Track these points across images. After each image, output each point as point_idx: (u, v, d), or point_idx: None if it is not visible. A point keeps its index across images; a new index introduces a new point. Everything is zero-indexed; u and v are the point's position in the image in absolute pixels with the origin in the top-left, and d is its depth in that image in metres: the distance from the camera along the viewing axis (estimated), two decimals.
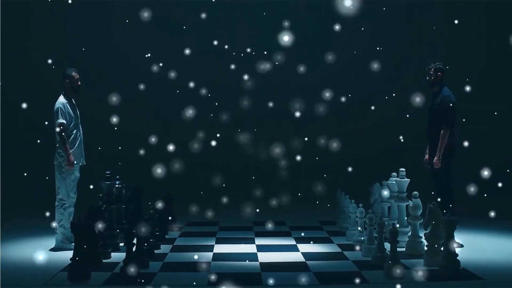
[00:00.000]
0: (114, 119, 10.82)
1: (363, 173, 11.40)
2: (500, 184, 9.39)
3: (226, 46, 12.68)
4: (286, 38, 11.54)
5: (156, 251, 7.53)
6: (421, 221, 7.28)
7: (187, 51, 12.74)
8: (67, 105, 7.82)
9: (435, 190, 7.95)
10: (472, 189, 7.60)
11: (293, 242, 8.20)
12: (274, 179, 11.97)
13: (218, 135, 12.22)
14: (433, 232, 6.81)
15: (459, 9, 12.84)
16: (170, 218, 8.99)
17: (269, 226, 9.14)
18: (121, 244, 7.57)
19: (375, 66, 12.68)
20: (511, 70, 12.89)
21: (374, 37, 12.93)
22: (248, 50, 12.77)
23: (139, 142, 12.25)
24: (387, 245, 6.58)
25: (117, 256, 7.22)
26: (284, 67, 12.62)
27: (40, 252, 6.68)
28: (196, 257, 7.10)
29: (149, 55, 12.41)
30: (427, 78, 8.03)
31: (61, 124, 7.69)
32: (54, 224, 7.74)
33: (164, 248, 7.81)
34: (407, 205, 7.67)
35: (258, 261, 7.13)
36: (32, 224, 9.01)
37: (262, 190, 11.51)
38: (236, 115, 12.77)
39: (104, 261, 6.95)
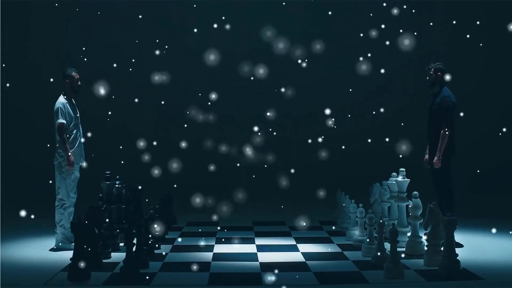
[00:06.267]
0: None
1: (363, 173, 11.40)
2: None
3: (227, 46, 12.70)
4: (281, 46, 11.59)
5: (156, 251, 7.53)
6: (421, 221, 7.28)
7: (188, 51, 12.77)
8: (67, 105, 7.82)
9: (435, 190, 7.96)
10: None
11: (293, 242, 8.20)
12: (274, 180, 11.97)
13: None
14: (433, 232, 6.81)
15: (459, 9, 12.84)
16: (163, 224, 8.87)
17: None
18: (121, 244, 7.57)
19: (375, 66, 12.68)
20: (511, 70, 12.90)
21: (374, 37, 12.92)
22: (248, 50, 12.79)
23: (139, 142, 12.26)
24: (387, 245, 6.58)
25: (117, 256, 7.22)
26: (284, 67, 12.63)
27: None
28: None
29: (157, 52, 12.39)
30: (427, 78, 8.03)
31: (61, 124, 7.69)
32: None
33: (164, 248, 7.81)
34: (407, 205, 7.67)
35: (258, 261, 7.14)
36: (32, 224, 9.00)
37: (262, 190, 11.53)
38: (236, 115, 12.78)
39: (104, 261, 6.95)
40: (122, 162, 11.26)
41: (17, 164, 11.89)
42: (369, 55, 12.51)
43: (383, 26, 12.38)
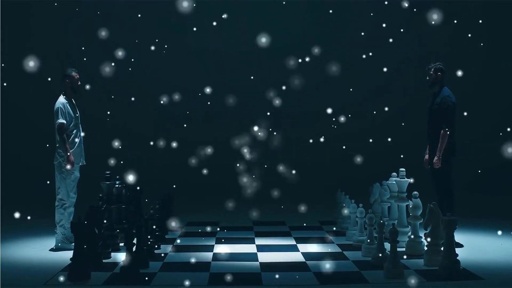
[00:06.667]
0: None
1: (363, 173, 11.39)
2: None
3: (227, 46, 12.70)
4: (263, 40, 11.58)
5: (156, 251, 7.53)
6: (421, 221, 7.28)
7: (188, 51, 12.77)
8: (67, 105, 7.82)
9: (435, 190, 7.96)
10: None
11: (293, 242, 8.20)
12: (274, 180, 11.96)
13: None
14: (433, 232, 6.81)
15: (459, 9, 12.84)
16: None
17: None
18: (121, 244, 7.57)
19: (376, 66, 12.69)
20: (511, 70, 12.89)
21: (375, 37, 12.93)
22: (248, 50, 12.78)
23: (139, 142, 12.28)
24: (387, 245, 6.58)
25: (117, 256, 7.22)
26: (284, 67, 12.62)
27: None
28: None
29: (152, 48, 12.38)
30: (427, 78, 8.03)
31: (61, 124, 7.69)
32: None
33: (164, 248, 7.81)
34: (407, 205, 7.67)
35: (258, 261, 7.14)
36: (32, 224, 9.01)
37: (262, 190, 11.52)
38: (236, 114, 12.77)
39: (104, 261, 6.95)
40: (122, 162, 11.25)
41: (17, 164, 11.88)
42: (370, 54, 12.53)
43: (384, 25, 12.40)
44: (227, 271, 6.63)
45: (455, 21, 12.70)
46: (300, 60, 12.57)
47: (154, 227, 7.80)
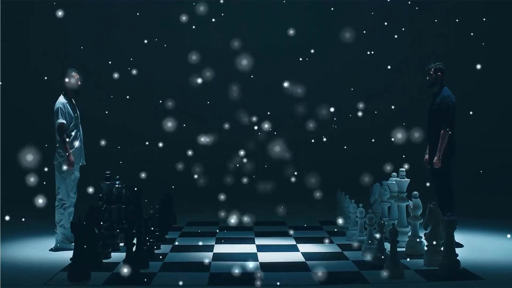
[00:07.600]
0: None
1: (363, 173, 11.39)
2: None
3: (227, 46, 12.71)
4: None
5: (156, 251, 7.53)
6: (421, 221, 7.28)
7: (188, 51, 12.76)
8: (67, 105, 7.82)
9: (435, 190, 7.95)
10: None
11: (293, 242, 8.20)
12: (274, 179, 11.97)
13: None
14: (433, 232, 6.81)
15: (459, 9, 12.84)
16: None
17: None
18: (121, 244, 7.57)
19: (376, 66, 12.69)
20: (511, 70, 12.90)
21: (375, 37, 12.93)
22: (249, 49, 12.78)
23: (139, 142, 12.27)
24: (387, 245, 6.58)
25: (117, 256, 7.22)
26: (284, 67, 12.62)
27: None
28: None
29: (146, 41, 12.38)
30: (427, 78, 8.03)
31: (61, 124, 7.69)
32: None
33: (164, 248, 7.81)
34: (407, 205, 7.67)
35: (258, 261, 7.14)
36: (32, 224, 9.01)
37: (261, 190, 11.53)
38: (236, 114, 12.77)
39: (104, 261, 6.95)
40: (121, 162, 11.26)
41: (17, 164, 11.87)
42: (372, 52, 12.53)
43: (385, 23, 12.39)
44: (227, 271, 6.64)
45: (456, 20, 12.70)
46: (300, 59, 12.57)
47: (152, 228, 7.79)
